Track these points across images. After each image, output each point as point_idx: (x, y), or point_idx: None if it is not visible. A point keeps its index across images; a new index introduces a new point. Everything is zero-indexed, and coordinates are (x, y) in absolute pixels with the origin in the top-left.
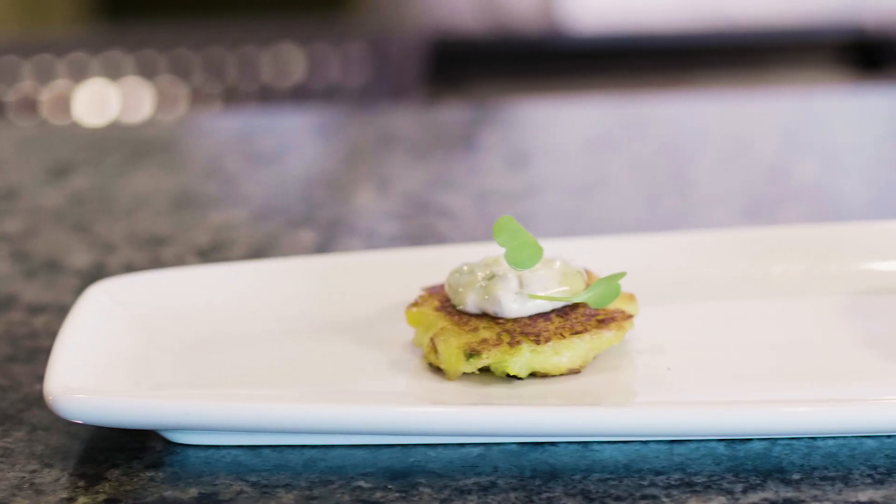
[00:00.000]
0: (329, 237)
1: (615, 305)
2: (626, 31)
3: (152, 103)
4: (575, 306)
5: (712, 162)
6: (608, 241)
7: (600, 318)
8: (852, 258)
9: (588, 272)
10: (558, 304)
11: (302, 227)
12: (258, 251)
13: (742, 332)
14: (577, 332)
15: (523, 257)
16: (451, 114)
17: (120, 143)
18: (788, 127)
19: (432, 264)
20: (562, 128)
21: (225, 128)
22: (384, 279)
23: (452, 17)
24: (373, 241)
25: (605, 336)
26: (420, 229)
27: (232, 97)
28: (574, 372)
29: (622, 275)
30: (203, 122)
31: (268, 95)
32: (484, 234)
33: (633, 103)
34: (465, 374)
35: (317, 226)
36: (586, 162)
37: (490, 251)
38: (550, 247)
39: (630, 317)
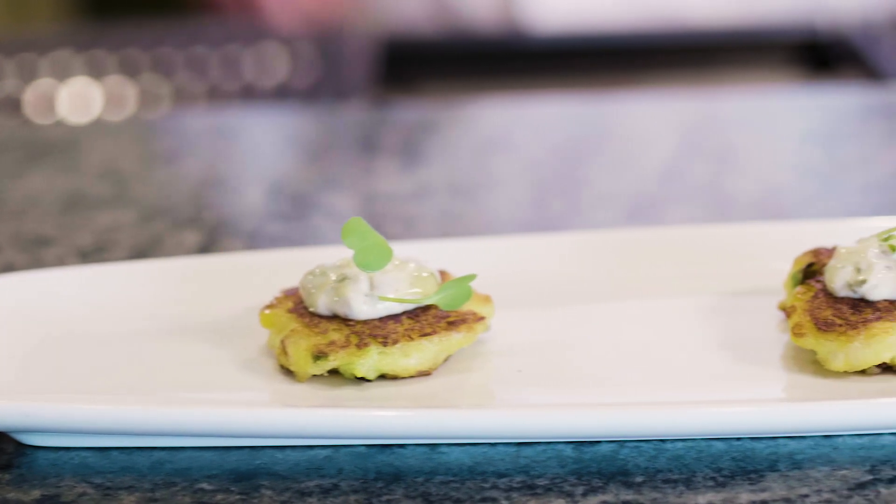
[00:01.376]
0: (212, 238)
1: (470, 307)
2: (584, 31)
3: (135, 101)
4: (427, 308)
5: (609, 162)
6: (473, 242)
7: (451, 319)
8: (722, 259)
9: (444, 274)
10: (409, 307)
11: (187, 229)
12: (140, 253)
13: (599, 335)
14: (426, 334)
15: (371, 259)
16: (354, 115)
17: (21, 143)
18: (693, 126)
19: (305, 265)
20: (463, 128)
21: (131, 129)
22: (253, 281)
23: (406, 19)
24: (254, 242)
25: (455, 338)
26: (303, 230)
27: (215, 95)
28: (424, 374)
29: (472, 277)
30: (109, 124)
31: (217, 95)
32: None
33: (537, 103)
34: (315, 376)
35: (201, 227)
36: (480, 162)
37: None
38: (408, 249)
39: (481, 318)
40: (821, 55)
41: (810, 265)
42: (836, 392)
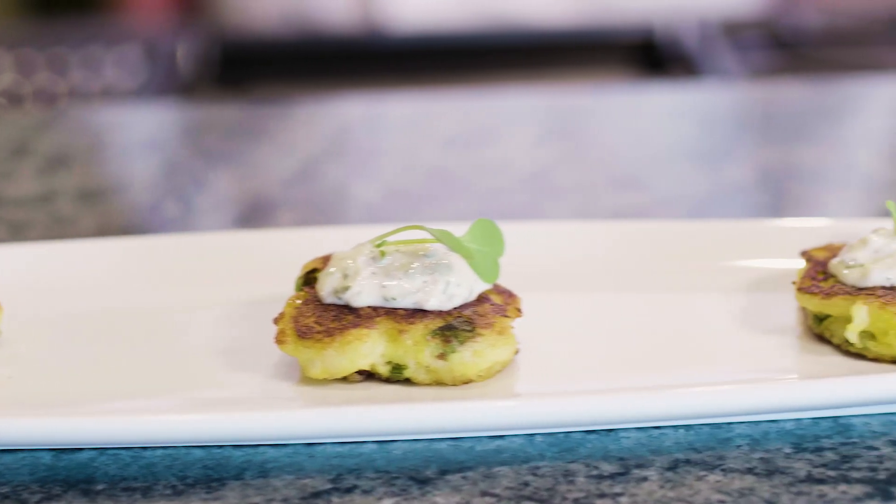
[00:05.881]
0: None
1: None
2: (435, 32)
3: None
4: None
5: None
6: None
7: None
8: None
9: None
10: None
11: None
12: None
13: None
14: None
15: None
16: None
17: None
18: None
19: None
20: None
21: None
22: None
23: (253, 19)
24: None
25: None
26: None
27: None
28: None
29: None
30: None
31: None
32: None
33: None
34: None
35: None
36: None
37: None
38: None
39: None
40: (656, 56)
41: (313, 271)
42: (316, 399)
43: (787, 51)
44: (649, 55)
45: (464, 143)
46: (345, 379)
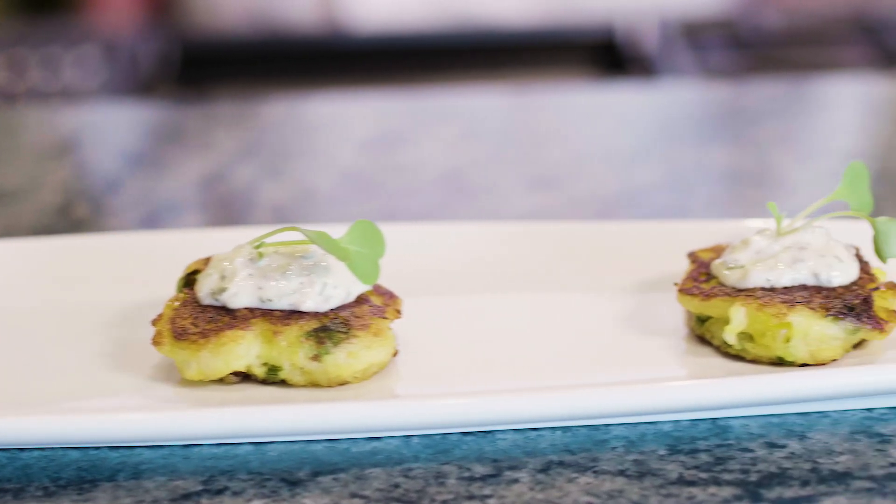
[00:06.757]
0: None
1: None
2: (398, 32)
3: None
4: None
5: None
6: None
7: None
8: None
9: None
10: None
11: None
12: None
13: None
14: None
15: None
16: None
17: None
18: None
19: None
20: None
21: None
22: None
23: (217, 19)
24: None
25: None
26: None
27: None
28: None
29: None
30: None
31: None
32: None
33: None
34: None
35: None
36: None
37: None
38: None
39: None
40: (616, 57)
41: (194, 272)
42: (192, 400)
43: (748, 51)
44: (610, 56)
45: (381, 144)
46: (221, 380)
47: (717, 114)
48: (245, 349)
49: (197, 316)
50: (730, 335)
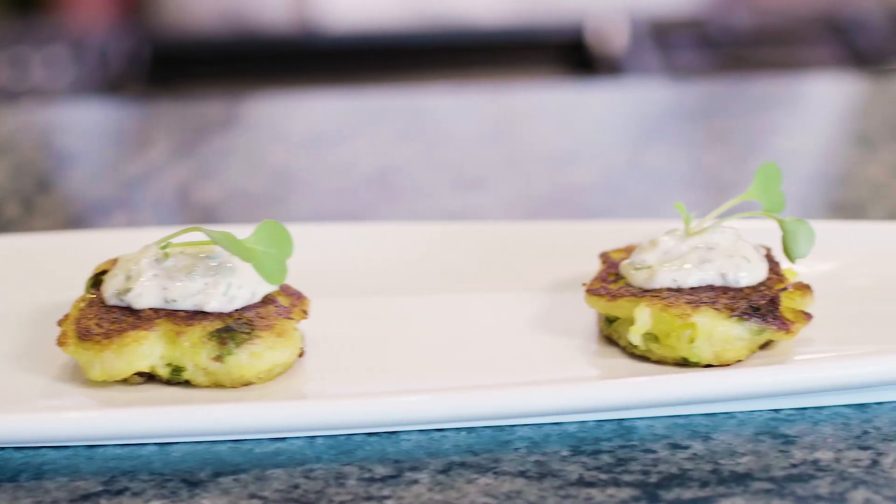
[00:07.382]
0: None
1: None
2: (370, 31)
3: None
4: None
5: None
6: None
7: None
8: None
9: None
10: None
11: None
12: None
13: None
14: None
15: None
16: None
17: None
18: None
19: None
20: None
21: None
22: None
23: (190, 18)
24: None
25: None
26: None
27: None
28: None
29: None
30: None
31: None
32: None
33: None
34: None
35: None
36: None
37: None
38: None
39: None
40: (585, 56)
41: (103, 273)
42: (96, 401)
43: (718, 50)
44: (578, 55)
45: (316, 143)
46: (126, 381)
47: (679, 113)
48: (148, 349)
49: (102, 316)
50: (635, 336)
